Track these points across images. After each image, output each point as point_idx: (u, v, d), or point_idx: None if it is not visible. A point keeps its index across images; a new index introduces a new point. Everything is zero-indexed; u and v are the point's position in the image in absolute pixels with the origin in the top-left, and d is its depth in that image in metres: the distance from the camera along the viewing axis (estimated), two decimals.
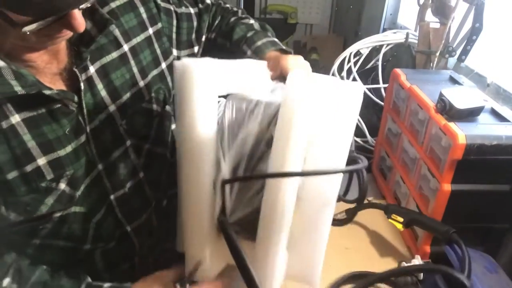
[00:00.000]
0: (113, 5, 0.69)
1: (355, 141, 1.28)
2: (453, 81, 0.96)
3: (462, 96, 0.77)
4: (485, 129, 0.74)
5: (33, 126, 0.57)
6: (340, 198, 0.74)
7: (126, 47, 0.70)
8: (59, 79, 0.62)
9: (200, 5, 0.87)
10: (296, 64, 0.68)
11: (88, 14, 0.63)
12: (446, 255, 0.70)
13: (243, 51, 0.81)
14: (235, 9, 0.92)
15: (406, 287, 0.73)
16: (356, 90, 0.70)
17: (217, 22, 0.90)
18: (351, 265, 0.80)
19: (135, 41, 0.72)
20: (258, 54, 0.78)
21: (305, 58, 0.79)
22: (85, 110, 0.62)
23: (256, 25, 0.88)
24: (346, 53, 1.31)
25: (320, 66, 2.01)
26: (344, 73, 1.30)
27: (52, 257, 0.64)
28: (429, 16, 1.11)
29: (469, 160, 0.72)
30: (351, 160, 0.57)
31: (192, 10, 0.86)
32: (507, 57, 0.98)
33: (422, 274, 0.74)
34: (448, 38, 1.07)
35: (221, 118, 0.56)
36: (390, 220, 0.81)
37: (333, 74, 1.32)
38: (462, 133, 0.71)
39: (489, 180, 0.76)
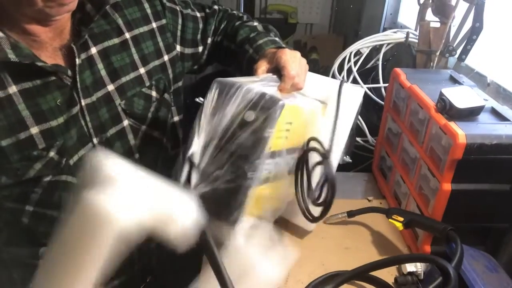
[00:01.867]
0: None
1: (356, 141, 1.28)
2: (454, 80, 0.95)
3: (463, 95, 0.77)
4: (486, 128, 0.74)
5: (29, 97, 0.62)
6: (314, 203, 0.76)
7: (127, 35, 0.76)
8: (59, 54, 0.67)
9: (207, 10, 0.94)
10: (292, 58, 0.72)
11: None
12: (447, 255, 0.70)
13: (245, 50, 0.86)
14: (240, 14, 0.98)
15: (407, 286, 0.72)
16: (357, 92, 0.75)
17: (223, 26, 0.95)
18: (351, 265, 0.80)
19: (137, 31, 0.78)
20: (258, 52, 0.83)
21: (305, 58, 0.79)
22: (79, 85, 0.67)
23: (260, 27, 0.93)
24: (346, 53, 1.31)
25: (320, 66, 2.01)
26: (344, 73, 1.30)
27: (47, 228, 0.67)
28: (430, 16, 1.11)
29: (469, 160, 0.71)
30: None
31: (198, 14, 0.92)
32: (507, 56, 0.98)
33: (422, 273, 0.74)
34: (448, 37, 1.07)
35: (205, 99, 0.61)
36: (390, 220, 0.81)
37: (333, 74, 1.32)
38: (462, 132, 0.71)
39: (490, 180, 0.76)
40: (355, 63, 1.30)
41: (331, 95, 0.80)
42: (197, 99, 0.97)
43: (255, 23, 0.94)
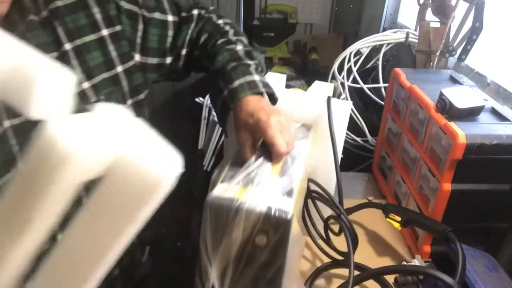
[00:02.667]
0: (59, 3, 0.65)
1: (355, 141, 1.28)
2: (454, 80, 0.96)
3: (463, 95, 0.77)
4: (486, 128, 0.74)
5: None
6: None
7: (68, 46, 0.67)
8: None
9: (183, 14, 0.81)
10: (277, 127, 0.64)
11: None
12: (447, 255, 0.70)
13: (219, 88, 0.74)
14: (227, 28, 0.83)
15: (407, 286, 0.72)
16: (344, 106, 0.75)
17: (202, 39, 0.82)
18: None
19: (80, 41, 0.68)
20: (233, 98, 0.70)
21: (305, 58, 0.79)
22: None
23: (242, 52, 0.78)
24: (346, 53, 1.31)
25: (320, 66, 2.01)
26: (344, 73, 1.30)
27: None
28: (429, 16, 1.11)
29: (470, 160, 0.72)
30: None
31: (170, 18, 0.80)
32: (507, 56, 0.98)
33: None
34: (448, 37, 1.07)
35: (203, 224, 0.56)
36: (388, 219, 0.81)
37: (333, 74, 1.32)
38: (463, 132, 0.71)
39: (490, 180, 0.76)
40: (355, 63, 1.30)
41: (318, 114, 0.76)
42: (197, 99, 0.97)
43: (238, 47, 0.78)
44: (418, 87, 0.89)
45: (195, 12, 0.82)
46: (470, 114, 0.77)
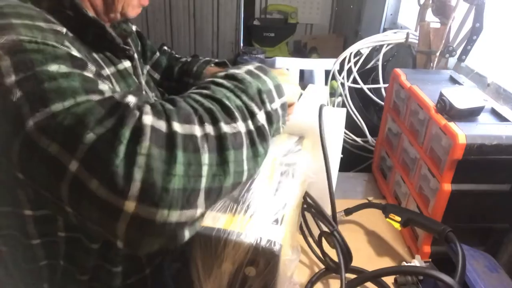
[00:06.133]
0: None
1: (355, 141, 1.28)
2: (453, 81, 0.96)
3: (462, 96, 0.77)
4: (486, 129, 0.74)
5: None
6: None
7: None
8: None
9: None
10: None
11: None
12: (447, 255, 0.70)
13: (185, 83, 0.91)
14: (178, 55, 1.00)
15: (407, 286, 0.72)
16: (339, 114, 0.75)
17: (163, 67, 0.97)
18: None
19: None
20: (198, 77, 0.90)
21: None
22: None
23: (189, 58, 0.98)
24: (346, 53, 1.31)
25: None
26: (344, 73, 1.30)
27: None
28: (430, 16, 1.11)
29: (469, 160, 0.72)
30: None
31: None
32: (507, 57, 0.98)
33: None
34: (448, 38, 1.07)
35: (193, 252, 0.55)
36: (387, 219, 0.81)
37: (333, 74, 1.32)
38: (462, 133, 0.71)
39: (489, 180, 0.76)
40: (355, 63, 1.30)
41: (313, 121, 0.74)
42: None
43: (186, 59, 0.97)
44: (418, 87, 0.89)
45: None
46: (470, 114, 0.77)
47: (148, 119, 0.43)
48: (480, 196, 0.76)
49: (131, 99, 0.45)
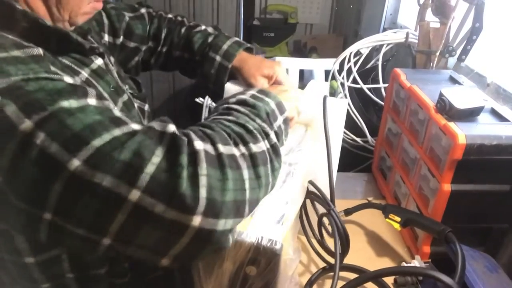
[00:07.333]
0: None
1: (355, 141, 1.28)
2: (453, 81, 0.95)
3: (462, 96, 0.77)
4: (485, 129, 0.74)
5: None
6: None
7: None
8: None
9: (131, 14, 0.89)
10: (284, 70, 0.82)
11: None
12: (447, 255, 0.70)
13: (211, 58, 0.85)
14: (179, 18, 0.93)
15: (406, 287, 0.72)
16: (341, 105, 0.80)
17: (164, 35, 0.90)
18: None
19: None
20: (229, 59, 0.84)
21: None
22: None
23: (210, 29, 0.91)
24: (346, 53, 1.30)
25: None
26: (344, 73, 1.30)
27: None
28: (429, 16, 1.11)
29: (469, 160, 0.71)
30: None
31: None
32: (507, 57, 0.98)
33: None
34: (448, 37, 1.07)
35: None
36: (387, 220, 0.81)
37: (333, 74, 1.32)
38: (462, 133, 0.71)
39: (489, 180, 0.76)
40: (355, 63, 1.30)
41: (315, 112, 0.77)
42: (197, 99, 0.96)
43: (202, 26, 0.91)
44: (418, 87, 0.89)
45: (143, 10, 0.91)
46: (470, 114, 0.77)
47: (199, 144, 0.47)
48: (479, 196, 0.76)
49: (172, 128, 0.48)
